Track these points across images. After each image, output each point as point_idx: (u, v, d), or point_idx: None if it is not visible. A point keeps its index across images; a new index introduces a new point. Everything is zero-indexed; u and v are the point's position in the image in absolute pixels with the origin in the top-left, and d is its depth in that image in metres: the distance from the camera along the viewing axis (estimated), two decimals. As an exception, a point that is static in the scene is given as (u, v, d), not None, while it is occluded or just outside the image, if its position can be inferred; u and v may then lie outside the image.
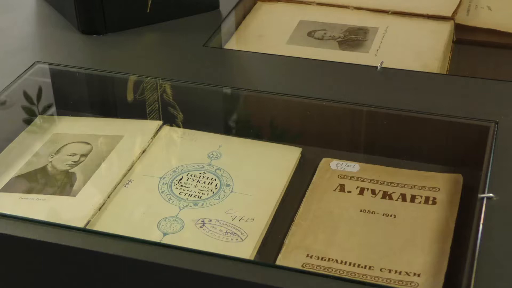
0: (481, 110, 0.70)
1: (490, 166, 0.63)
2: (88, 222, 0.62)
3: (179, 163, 0.70)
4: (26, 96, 0.78)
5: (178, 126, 0.77)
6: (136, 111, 0.80)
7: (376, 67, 0.77)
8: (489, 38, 0.90)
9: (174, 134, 0.74)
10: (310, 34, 0.88)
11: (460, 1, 0.91)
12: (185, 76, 0.78)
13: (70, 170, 0.69)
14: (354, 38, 0.86)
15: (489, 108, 0.70)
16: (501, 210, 0.58)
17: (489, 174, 0.63)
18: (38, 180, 0.68)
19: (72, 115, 0.78)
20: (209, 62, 0.80)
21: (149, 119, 0.78)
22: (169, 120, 0.77)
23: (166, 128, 0.74)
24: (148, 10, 0.85)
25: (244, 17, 0.92)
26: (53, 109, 0.79)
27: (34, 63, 0.80)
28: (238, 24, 0.90)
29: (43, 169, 0.69)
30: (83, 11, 0.84)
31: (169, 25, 0.87)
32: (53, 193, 0.66)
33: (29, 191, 0.66)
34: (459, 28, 0.90)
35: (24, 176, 0.68)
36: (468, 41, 0.90)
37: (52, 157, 0.71)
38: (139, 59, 0.81)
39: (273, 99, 0.75)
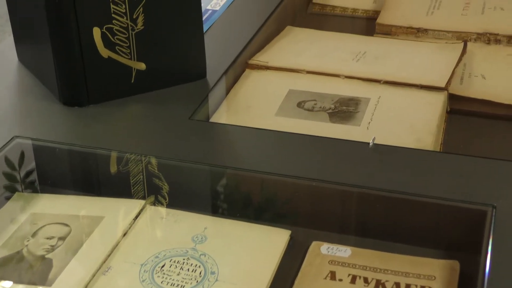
0: (477, 192, 0.67)
1: (488, 252, 0.61)
2: (64, 316, 0.59)
3: (162, 248, 0.66)
4: (4, 173, 0.75)
5: (164, 197, 0.74)
6: (120, 184, 0.77)
7: (368, 143, 0.74)
8: (483, 108, 0.87)
9: (157, 215, 0.71)
10: (299, 105, 0.85)
11: (454, 71, 0.89)
12: (170, 152, 0.75)
13: (46, 256, 0.65)
14: (345, 109, 0.84)
15: (485, 189, 0.68)
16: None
17: (487, 261, 0.60)
18: (12, 267, 0.64)
19: (52, 192, 0.75)
20: (195, 136, 0.78)
21: (133, 190, 0.76)
22: (154, 191, 0.74)
23: (149, 208, 0.71)
24: (132, 81, 0.83)
25: (232, 86, 0.89)
26: (32, 186, 0.76)
27: (13, 137, 0.77)
28: (226, 93, 0.88)
29: (19, 254, 0.66)
30: (65, 82, 0.81)
31: (154, 96, 0.84)
32: (28, 283, 0.62)
33: (2, 278, 0.63)
34: (453, 98, 0.88)
35: (-3, 262, 0.65)
36: (462, 111, 0.87)
37: (28, 241, 0.67)
38: (122, 133, 0.79)
39: (261, 178, 0.72)
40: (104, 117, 0.81)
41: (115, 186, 0.78)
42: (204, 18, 1.01)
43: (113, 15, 0.79)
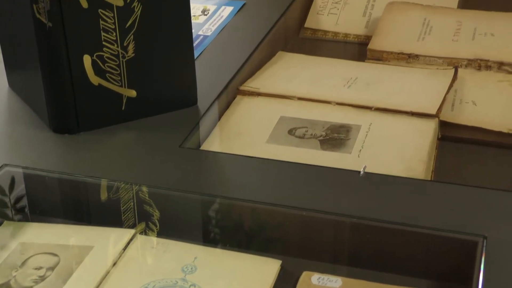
0: (468, 222, 0.67)
1: (479, 283, 0.60)
2: None
3: (151, 278, 0.65)
4: (-8, 201, 0.75)
5: (155, 224, 0.74)
6: (111, 211, 0.76)
7: (359, 172, 0.74)
8: (474, 135, 0.87)
9: (147, 244, 0.70)
10: (290, 132, 0.85)
11: (445, 98, 0.89)
12: (160, 180, 0.75)
13: (34, 287, 0.65)
14: (336, 136, 0.84)
15: (476, 219, 0.67)
16: None
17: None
18: (-1, 299, 0.64)
19: (42, 221, 0.75)
20: (185, 164, 0.77)
21: (124, 217, 0.75)
22: (144, 218, 0.74)
23: (139, 237, 0.71)
24: (123, 108, 0.83)
25: (223, 112, 0.89)
26: (21, 214, 0.76)
27: (2, 165, 0.77)
28: (217, 120, 0.87)
29: (6, 285, 0.65)
30: (55, 109, 0.81)
31: (145, 123, 0.84)
32: (15, 315, 0.62)
33: (-11, 311, 0.62)
34: (444, 124, 0.88)
35: (-16, 295, 0.64)
36: (453, 138, 0.87)
37: (16, 271, 0.66)
38: (113, 161, 0.78)
39: (251, 207, 0.72)
40: (95, 144, 0.81)
41: (105, 214, 0.77)
42: (195, 43, 1.01)
43: (103, 42, 0.79)
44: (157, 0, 0.80)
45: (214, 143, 0.84)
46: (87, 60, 0.79)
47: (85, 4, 0.77)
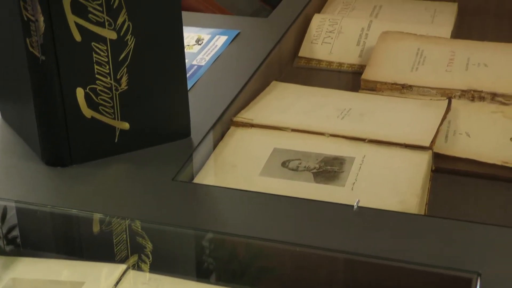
0: (462, 258, 0.67)
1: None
2: None
3: (142, 315, 0.65)
4: (-17, 235, 0.74)
5: (148, 256, 0.73)
6: (103, 244, 0.76)
7: (352, 206, 0.74)
8: (468, 167, 0.87)
9: (139, 280, 0.70)
10: (284, 164, 0.85)
11: (438, 130, 0.89)
12: (153, 214, 0.74)
13: (25, 324, 0.64)
14: (329, 169, 0.84)
15: (470, 255, 0.67)
16: None
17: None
18: (-11, 337, 0.63)
19: (33, 255, 0.74)
20: (178, 198, 0.77)
21: (116, 249, 0.75)
22: (137, 250, 0.73)
23: (131, 272, 0.70)
24: (116, 140, 0.82)
25: (216, 144, 0.89)
26: (12, 249, 0.75)
27: (-7, 198, 0.76)
28: (210, 152, 0.87)
29: (-4, 322, 0.65)
30: (47, 142, 0.81)
31: (138, 155, 0.83)
32: None
33: None
34: (438, 156, 0.88)
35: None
36: (447, 170, 0.87)
37: (6, 308, 0.66)
38: (105, 195, 0.78)
39: (243, 242, 0.71)
40: (87, 177, 0.80)
41: (97, 247, 0.77)
42: (189, 74, 1.01)
43: (96, 75, 0.79)
44: (151, 33, 0.81)
45: (207, 176, 0.84)
46: (80, 93, 0.79)
47: (78, 38, 0.77)
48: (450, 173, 0.87)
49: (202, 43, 1.11)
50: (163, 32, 0.82)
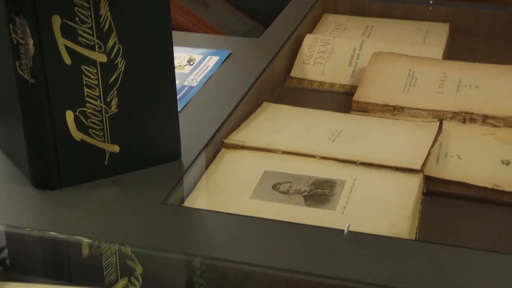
0: (452, 284, 0.66)
1: None
2: None
3: None
4: (-29, 260, 0.74)
5: (137, 279, 0.73)
6: (93, 267, 0.75)
7: (343, 230, 0.73)
8: (459, 190, 0.87)
9: (128, 306, 0.70)
10: (275, 187, 0.85)
11: (429, 152, 0.88)
12: (142, 238, 0.74)
13: None
14: (320, 192, 0.83)
15: (461, 280, 0.67)
16: None
17: None
18: None
19: (22, 280, 0.73)
20: (167, 222, 0.76)
21: (106, 272, 0.74)
22: (127, 273, 0.72)
23: (119, 298, 0.70)
24: (105, 163, 0.82)
25: (207, 166, 0.89)
26: (0, 274, 0.75)
27: (-19, 223, 0.76)
28: (201, 175, 0.87)
29: None
30: (37, 165, 0.80)
31: (128, 178, 0.83)
32: None
33: None
34: (429, 179, 0.88)
35: None
36: (438, 192, 0.87)
37: (-7, 334, 0.66)
38: (94, 218, 0.77)
39: (232, 267, 0.71)
40: (76, 201, 0.80)
41: (87, 270, 0.76)
42: (180, 95, 1.01)
43: (86, 98, 0.79)
44: (141, 56, 0.80)
45: (198, 199, 0.83)
46: (69, 116, 0.79)
47: (68, 61, 0.77)
48: (441, 196, 0.87)
49: (193, 64, 1.11)
50: (153, 55, 0.81)
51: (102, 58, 0.78)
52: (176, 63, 1.11)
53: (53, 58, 0.76)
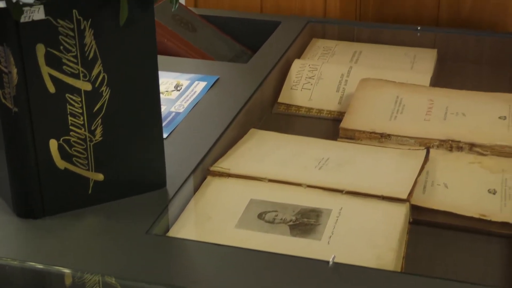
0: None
1: None
2: None
3: None
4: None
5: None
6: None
7: (328, 262, 0.73)
8: (446, 219, 0.87)
9: (109, 338, 0.69)
10: (260, 216, 0.84)
11: (416, 181, 0.88)
12: (126, 269, 0.73)
13: None
14: (306, 221, 0.83)
15: (446, 315, 0.67)
16: None
17: None
18: None
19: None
20: (151, 252, 0.75)
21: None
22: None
23: (101, 330, 0.69)
24: (89, 192, 0.81)
25: (192, 194, 0.88)
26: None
27: (-39, 254, 0.75)
28: (186, 203, 0.86)
29: None
30: (19, 193, 0.79)
31: (112, 207, 0.82)
32: None
33: None
34: (416, 208, 0.87)
35: None
36: (424, 222, 0.87)
37: None
38: (77, 248, 0.76)
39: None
40: (59, 230, 0.78)
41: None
42: (167, 121, 1.00)
43: (70, 127, 0.78)
44: (126, 84, 0.80)
45: (182, 228, 0.82)
46: (53, 144, 0.78)
47: (52, 89, 0.76)
48: (428, 225, 0.87)
49: (181, 89, 1.10)
50: (138, 83, 0.81)
51: (86, 86, 0.78)
52: (163, 88, 1.10)
53: (37, 86, 0.76)
